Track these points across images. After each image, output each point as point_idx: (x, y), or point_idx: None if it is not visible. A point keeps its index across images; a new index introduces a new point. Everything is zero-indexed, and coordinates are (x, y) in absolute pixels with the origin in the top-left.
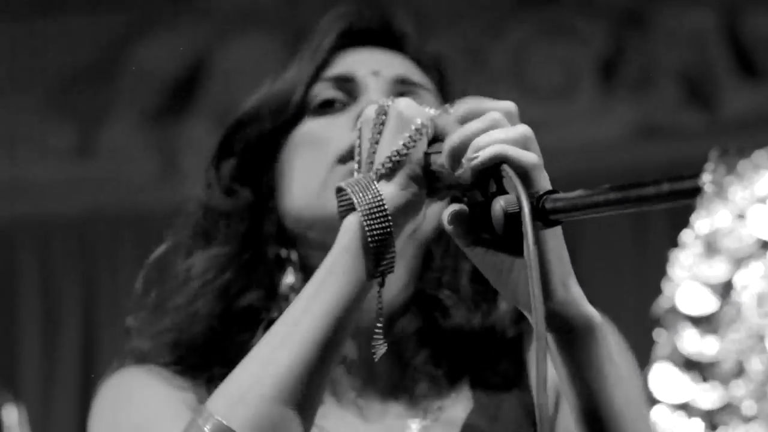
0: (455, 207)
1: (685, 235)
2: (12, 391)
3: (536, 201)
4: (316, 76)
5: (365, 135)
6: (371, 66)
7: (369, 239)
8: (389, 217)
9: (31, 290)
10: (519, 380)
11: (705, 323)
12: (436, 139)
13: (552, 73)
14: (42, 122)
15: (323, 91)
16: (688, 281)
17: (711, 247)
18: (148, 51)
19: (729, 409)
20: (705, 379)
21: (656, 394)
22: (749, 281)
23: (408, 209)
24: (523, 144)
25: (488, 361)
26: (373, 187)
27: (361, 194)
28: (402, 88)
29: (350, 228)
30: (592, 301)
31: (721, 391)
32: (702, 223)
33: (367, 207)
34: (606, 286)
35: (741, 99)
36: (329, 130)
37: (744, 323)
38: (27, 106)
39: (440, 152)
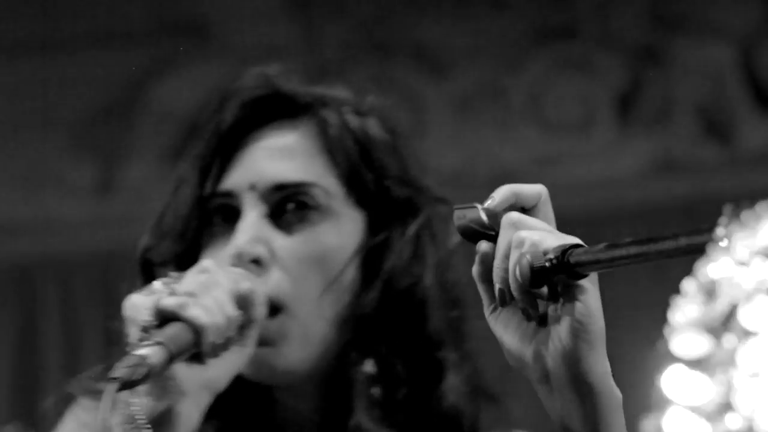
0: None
1: (688, 284)
2: (34, 428)
3: (561, 255)
4: (203, 194)
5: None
6: (248, 177)
7: None
8: None
9: (52, 327)
10: None
11: (698, 365)
12: (491, 228)
13: (569, 107)
14: (63, 160)
15: (212, 212)
16: (686, 327)
17: (711, 294)
18: (169, 89)
19: None
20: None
21: None
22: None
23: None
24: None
25: None
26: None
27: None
28: (279, 195)
29: None
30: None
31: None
32: (704, 271)
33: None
34: (623, 325)
35: (758, 133)
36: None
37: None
38: (48, 143)
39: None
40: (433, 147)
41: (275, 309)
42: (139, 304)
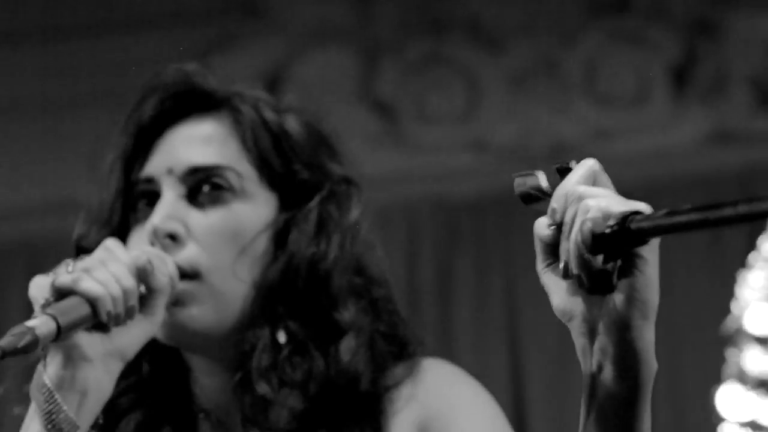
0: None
1: (754, 257)
2: None
3: (622, 221)
4: (128, 182)
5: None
6: (166, 163)
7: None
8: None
9: None
10: None
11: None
12: (549, 194)
13: (624, 80)
14: None
15: (135, 197)
16: (756, 302)
17: None
18: (225, 68)
19: None
20: None
21: (724, 413)
22: None
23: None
24: (592, 182)
25: (342, 415)
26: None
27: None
28: (194, 178)
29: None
30: (664, 316)
31: None
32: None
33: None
34: (678, 303)
35: None
36: (133, 245)
37: None
38: (109, 121)
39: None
40: (489, 122)
41: (190, 276)
42: (40, 284)
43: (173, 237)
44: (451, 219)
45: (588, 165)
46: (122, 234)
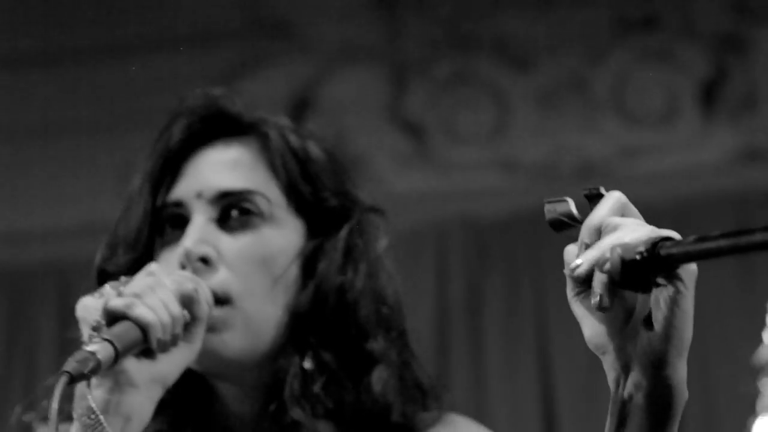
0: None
1: None
2: None
3: (652, 248)
4: (155, 205)
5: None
6: (195, 187)
7: None
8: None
9: None
10: None
11: None
12: (580, 221)
13: (653, 98)
14: None
15: (163, 221)
16: None
17: None
18: (256, 87)
19: None
20: None
21: None
22: None
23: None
24: (621, 214)
25: None
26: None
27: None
28: (224, 202)
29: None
30: (697, 349)
31: None
32: None
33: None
34: (710, 334)
35: None
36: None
37: None
38: (139, 142)
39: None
40: (518, 141)
41: (222, 301)
42: (89, 306)
43: (205, 260)
44: (481, 238)
45: (616, 197)
46: (148, 258)
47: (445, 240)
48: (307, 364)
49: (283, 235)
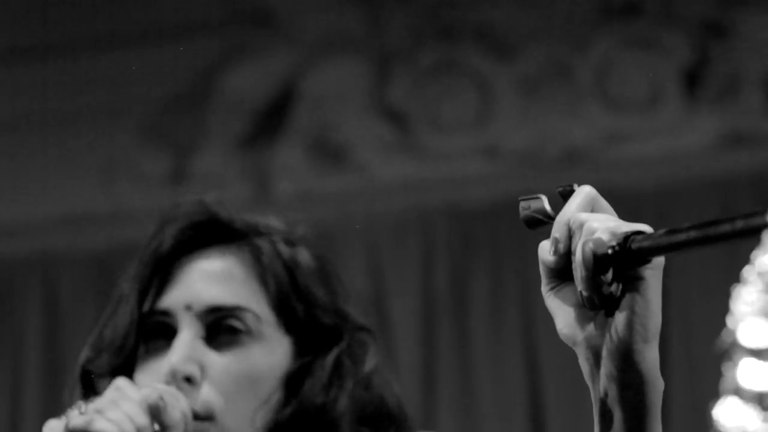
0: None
1: (747, 272)
2: None
3: (623, 241)
4: (141, 312)
5: None
6: (185, 298)
7: None
8: None
9: None
10: None
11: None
12: (553, 218)
13: (636, 85)
14: (137, 151)
15: (149, 329)
16: (750, 316)
17: None
18: (238, 78)
19: None
20: (765, 410)
21: (724, 426)
22: None
23: None
24: (591, 208)
25: None
26: None
27: None
28: (213, 317)
29: None
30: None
31: None
32: (763, 260)
33: None
34: (696, 320)
35: None
36: (144, 377)
37: None
38: (122, 135)
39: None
40: (502, 128)
41: (203, 419)
42: (54, 428)
43: (190, 380)
44: (465, 226)
45: (585, 191)
46: (132, 362)
47: (430, 228)
48: None
49: (270, 353)
